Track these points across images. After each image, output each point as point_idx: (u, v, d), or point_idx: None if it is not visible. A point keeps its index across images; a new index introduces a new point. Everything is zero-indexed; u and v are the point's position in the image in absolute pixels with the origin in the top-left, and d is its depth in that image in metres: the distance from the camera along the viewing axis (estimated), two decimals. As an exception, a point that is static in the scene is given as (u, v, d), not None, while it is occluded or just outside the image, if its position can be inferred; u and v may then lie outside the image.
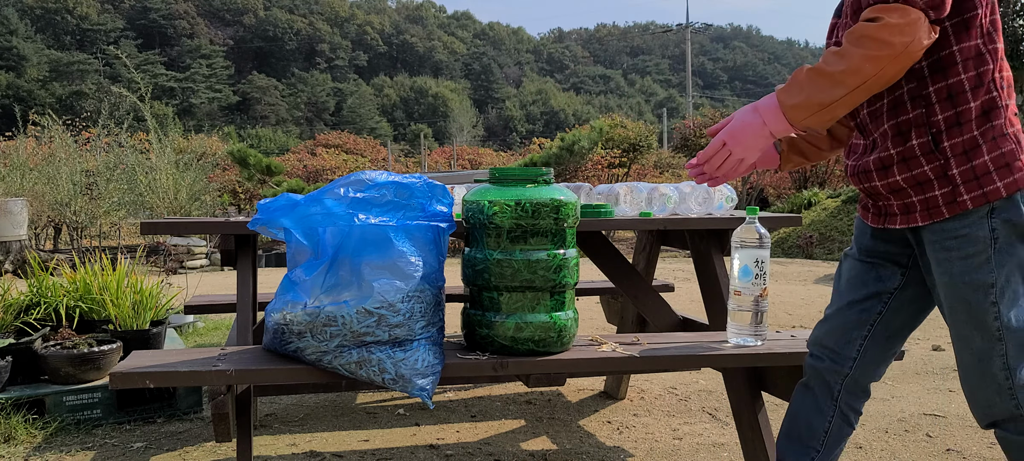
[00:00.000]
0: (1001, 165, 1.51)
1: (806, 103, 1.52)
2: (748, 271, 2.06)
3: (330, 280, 1.86)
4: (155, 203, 10.66)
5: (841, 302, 1.80)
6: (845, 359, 1.80)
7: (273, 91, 66.45)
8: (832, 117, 1.53)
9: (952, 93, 1.54)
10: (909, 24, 1.43)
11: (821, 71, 1.50)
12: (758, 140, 1.60)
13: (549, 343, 1.99)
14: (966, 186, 1.53)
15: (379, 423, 3.04)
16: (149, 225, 2.63)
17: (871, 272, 1.76)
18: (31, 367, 3.04)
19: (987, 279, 1.52)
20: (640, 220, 2.62)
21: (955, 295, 1.57)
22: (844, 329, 1.79)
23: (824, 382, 1.83)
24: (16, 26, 58.95)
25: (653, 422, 3.05)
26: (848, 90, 1.48)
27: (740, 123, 1.61)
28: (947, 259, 1.56)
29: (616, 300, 3.64)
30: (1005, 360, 1.54)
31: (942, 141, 1.54)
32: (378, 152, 23.09)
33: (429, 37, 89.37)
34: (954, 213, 1.54)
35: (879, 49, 1.44)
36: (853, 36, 1.47)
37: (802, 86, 1.52)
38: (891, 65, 1.45)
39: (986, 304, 1.53)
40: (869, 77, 1.46)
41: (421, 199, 1.96)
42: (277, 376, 1.92)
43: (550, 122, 67.42)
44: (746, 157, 1.63)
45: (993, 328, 1.54)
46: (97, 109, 14.97)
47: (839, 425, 1.83)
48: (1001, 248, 1.52)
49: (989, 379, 1.57)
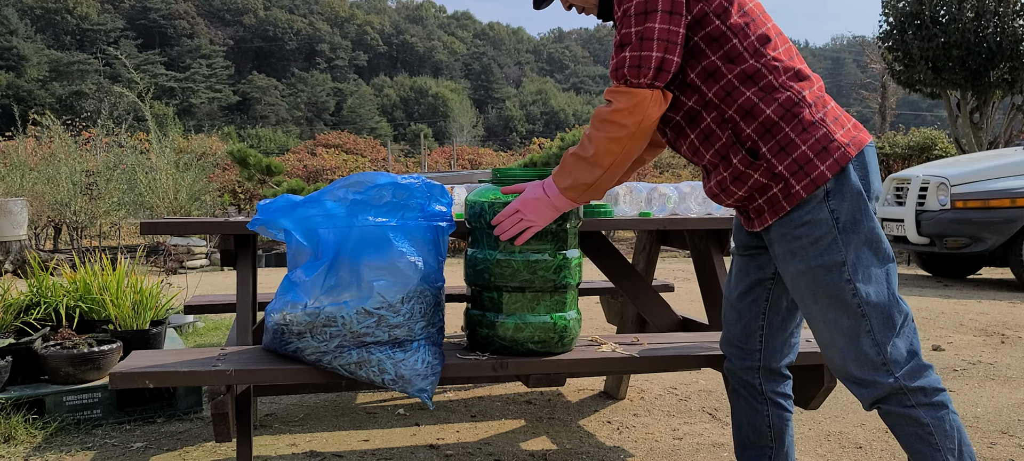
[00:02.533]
0: (818, 150, 1.62)
1: (574, 184, 1.76)
2: (748, 271, 2.06)
3: (330, 281, 1.86)
4: (155, 203, 10.67)
5: (732, 296, 1.92)
6: (752, 352, 1.90)
7: (273, 91, 66.44)
8: (602, 190, 1.77)
9: (747, 110, 1.65)
10: (636, 105, 1.63)
11: (579, 156, 1.73)
12: (546, 212, 1.83)
13: (550, 343, 1.99)
14: (795, 177, 1.63)
15: (379, 423, 3.04)
16: (149, 225, 2.63)
17: (751, 262, 1.87)
18: (31, 367, 3.04)
19: (838, 258, 1.62)
20: (640, 220, 2.62)
21: (814, 280, 1.65)
22: (742, 322, 1.89)
23: (745, 381, 1.93)
24: (16, 26, 58.94)
25: (653, 422, 3.05)
26: (604, 169, 1.71)
27: (532, 197, 1.83)
28: (800, 247, 1.66)
29: (616, 300, 3.64)
30: (873, 336, 1.62)
31: (759, 149, 1.65)
32: (378, 152, 23.09)
33: (429, 37, 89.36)
34: (793, 204, 1.64)
35: (616, 131, 1.66)
36: (595, 120, 1.69)
37: (569, 170, 1.75)
38: (631, 142, 1.67)
39: (842, 282, 1.62)
40: (617, 155, 1.68)
41: (420, 199, 1.96)
42: (277, 376, 1.92)
43: (550, 122, 67.41)
44: (535, 223, 1.85)
45: (853, 305, 1.62)
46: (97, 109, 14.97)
47: (777, 415, 1.92)
48: (844, 226, 1.62)
49: (863, 358, 1.64)
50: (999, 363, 3.97)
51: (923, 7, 13.30)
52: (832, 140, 1.62)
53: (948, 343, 4.49)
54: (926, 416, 1.62)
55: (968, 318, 5.24)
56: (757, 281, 1.87)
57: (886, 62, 14.80)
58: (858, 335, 1.63)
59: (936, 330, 4.88)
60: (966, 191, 6.82)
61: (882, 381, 1.63)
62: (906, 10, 13.58)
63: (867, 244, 1.62)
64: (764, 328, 1.88)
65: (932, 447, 1.62)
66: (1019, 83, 13.34)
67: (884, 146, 16.08)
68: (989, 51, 12.89)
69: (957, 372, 3.81)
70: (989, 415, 3.10)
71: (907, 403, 1.63)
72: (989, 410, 3.17)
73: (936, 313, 5.44)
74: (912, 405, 1.63)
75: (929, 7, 13.28)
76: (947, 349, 4.34)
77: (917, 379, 1.63)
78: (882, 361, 1.62)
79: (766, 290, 1.86)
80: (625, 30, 1.63)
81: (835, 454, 2.67)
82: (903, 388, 1.62)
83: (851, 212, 1.62)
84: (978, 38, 12.94)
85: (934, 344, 4.43)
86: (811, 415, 3.05)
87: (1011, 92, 13.71)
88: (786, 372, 1.93)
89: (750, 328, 1.89)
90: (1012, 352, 4.25)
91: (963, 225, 6.76)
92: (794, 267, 1.67)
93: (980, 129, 14.12)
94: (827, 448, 2.73)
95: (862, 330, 1.62)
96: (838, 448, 2.73)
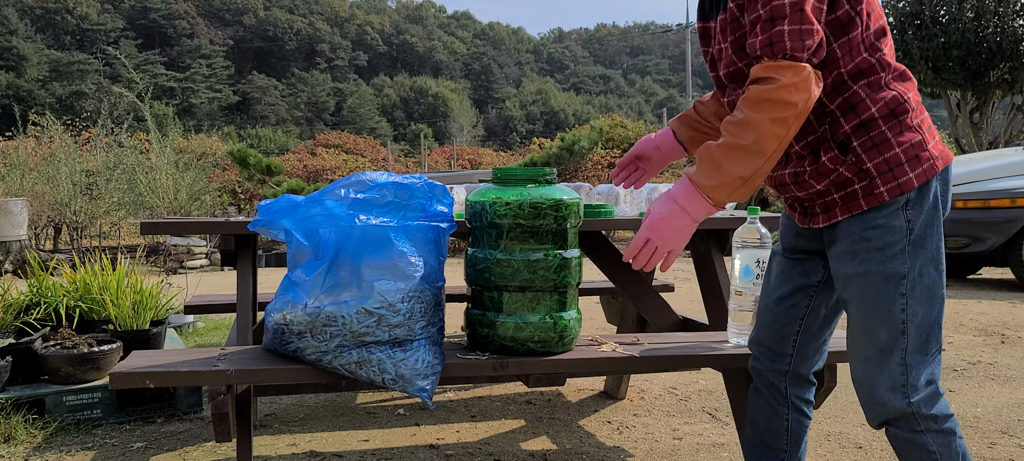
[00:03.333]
0: (911, 156, 1.56)
1: (727, 181, 1.52)
2: (749, 271, 2.06)
3: (330, 280, 1.86)
4: (155, 203, 10.66)
5: (771, 298, 1.85)
6: (782, 356, 1.85)
7: (273, 91, 66.45)
8: (756, 186, 1.55)
9: (851, 105, 1.58)
10: (804, 80, 1.47)
11: (733, 146, 1.50)
12: (682, 231, 1.59)
13: (550, 343, 1.99)
14: (882, 178, 1.56)
15: (379, 423, 3.04)
16: (149, 225, 2.63)
17: (796, 267, 1.81)
18: (31, 367, 3.04)
19: (900, 270, 1.56)
20: (640, 220, 2.62)
21: (867, 285, 1.59)
22: (777, 325, 1.83)
23: (769, 382, 1.88)
24: (16, 26, 58.95)
25: (653, 422, 3.05)
26: (766, 158, 1.51)
27: (660, 217, 1.58)
28: (864, 249, 1.59)
29: (616, 300, 3.64)
30: (904, 356, 1.57)
31: (851, 143, 1.58)
32: (378, 152, 23.09)
33: (429, 37, 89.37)
34: (872, 205, 1.58)
35: (784, 110, 1.47)
36: (753, 102, 1.50)
37: (718, 165, 1.52)
38: (796, 123, 1.49)
39: (896, 295, 1.57)
40: (781, 140, 1.50)
41: (421, 199, 1.97)
42: (277, 376, 1.92)
43: (550, 122, 67.43)
44: (674, 248, 1.60)
45: (899, 320, 1.57)
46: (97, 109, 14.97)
47: (796, 419, 1.88)
48: (915, 239, 1.56)
49: (886, 375, 1.59)
50: (999, 363, 3.97)
51: (923, 7, 13.30)
52: (925, 149, 1.56)
53: (948, 343, 4.49)
54: (934, 443, 1.58)
55: (968, 318, 5.24)
56: (800, 287, 1.80)
57: (886, 62, 14.77)
58: (891, 351, 1.58)
59: (936, 330, 4.88)
60: (966, 191, 6.82)
61: (896, 403, 1.58)
62: (906, 10, 13.58)
63: (931, 263, 1.57)
64: (800, 334, 1.82)
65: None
66: (1019, 83, 13.35)
67: (884, 146, 16.08)
68: (989, 51, 12.89)
69: (957, 372, 3.81)
70: (989, 415, 3.10)
71: (917, 429, 1.59)
72: (989, 410, 3.17)
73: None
74: (922, 431, 1.59)
75: (929, 7, 13.29)
76: (947, 349, 4.34)
77: (931, 407, 1.59)
78: (903, 383, 1.58)
79: (808, 296, 1.80)
80: (776, 2, 1.48)
81: (835, 454, 2.67)
82: (915, 414, 1.58)
83: (924, 226, 1.56)
84: (978, 38, 12.94)
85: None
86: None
87: (1011, 92, 13.72)
88: (812, 379, 1.89)
89: (785, 332, 1.83)
90: (1012, 352, 4.25)
91: (963, 225, 6.76)
92: (851, 268, 1.61)
93: (980, 129, 14.12)
94: (827, 448, 2.73)
95: (896, 347, 1.57)
96: (838, 448, 2.73)
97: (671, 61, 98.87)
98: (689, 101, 47.51)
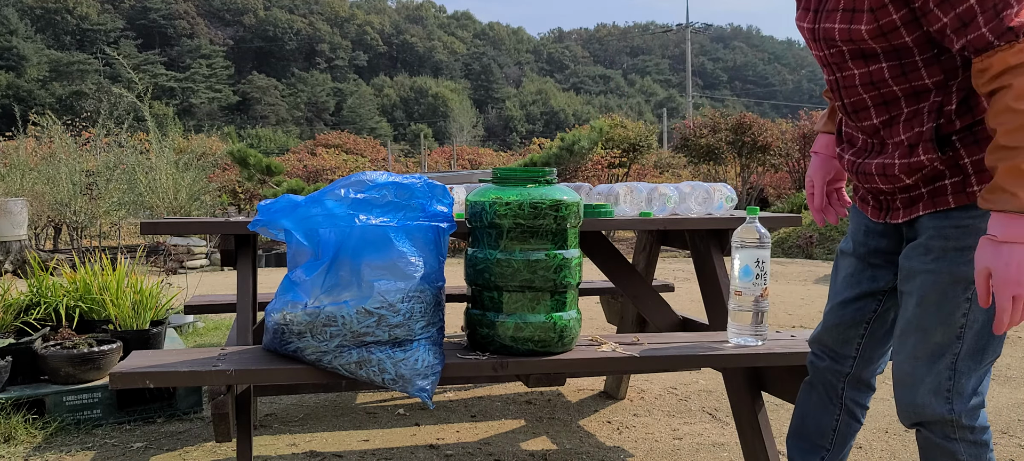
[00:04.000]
0: None
1: None
2: (749, 271, 2.06)
3: (330, 280, 1.86)
4: (155, 203, 10.66)
5: (836, 301, 1.80)
6: (845, 358, 1.80)
7: (273, 91, 66.44)
8: None
9: (970, 106, 1.50)
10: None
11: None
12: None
13: (549, 343, 1.99)
14: (978, 176, 1.49)
15: (379, 423, 3.04)
16: (149, 225, 2.63)
17: (866, 271, 1.75)
18: (31, 367, 3.04)
19: (971, 274, 1.50)
20: (640, 220, 2.62)
21: (934, 284, 1.54)
22: (841, 328, 1.78)
23: (827, 381, 1.83)
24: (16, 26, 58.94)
25: (653, 422, 3.05)
26: None
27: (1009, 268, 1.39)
28: (941, 247, 1.53)
29: (616, 300, 3.64)
30: (954, 360, 1.53)
31: (952, 140, 1.51)
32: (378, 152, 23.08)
33: (429, 37, 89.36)
34: (961, 204, 1.51)
35: None
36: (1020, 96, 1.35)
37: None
38: None
39: (961, 298, 1.51)
40: None
41: (421, 199, 1.97)
42: (277, 376, 1.92)
43: (550, 122, 67.41)
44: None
45: (958, 324, 1.52)
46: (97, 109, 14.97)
47: (847, 422, 1.83)
48: None
49: (933, 376, 1.55)
50: (999, 363, 3.98)
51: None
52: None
53: (948, 343, 4.49)
54: (965, 453, 1.55)
55: (968, 318, 5.24)
56: (868, 292, 1.75)
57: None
58: (942, 354, 1.53)
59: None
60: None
61: (937, 408, 1.54)
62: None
63: None
64: (864, 338, 1.77)
65: None
66: (1019, 83, 13.33)
67: (884, 146, 16.07)
68: (989, 51, 12.87)
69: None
70: (989, 415, 3.10)
71: (951, 436, 1.55)
72: (989, 410, 3.17)
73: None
74: (956, 439, 1.55)
75: (929, 7, 13.26)
76: (947, 349, 4.34)
77: (973, 418, 1.55)
78: (948, 388, 1.53)
79: (876, 301, 1.75)
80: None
81: (835, 454, 2.67)
82: (954, 421, 1.54)
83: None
84: (978, 38, 12.92)
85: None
86: (811, 415, 3.05)
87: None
88: (873, 384, 1.84)
89: (849, 336, 1.78)
90: (1012, 352, 4.25)
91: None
92: (922, 264, 1.55)
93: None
94: (827, 448, 2.73)
95: (949, 351, 1.52)
96: (838, 448, 2.73)
97: (671, 61, 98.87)
98: (689, 101, 47.54)
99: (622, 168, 15.82)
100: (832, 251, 11.25)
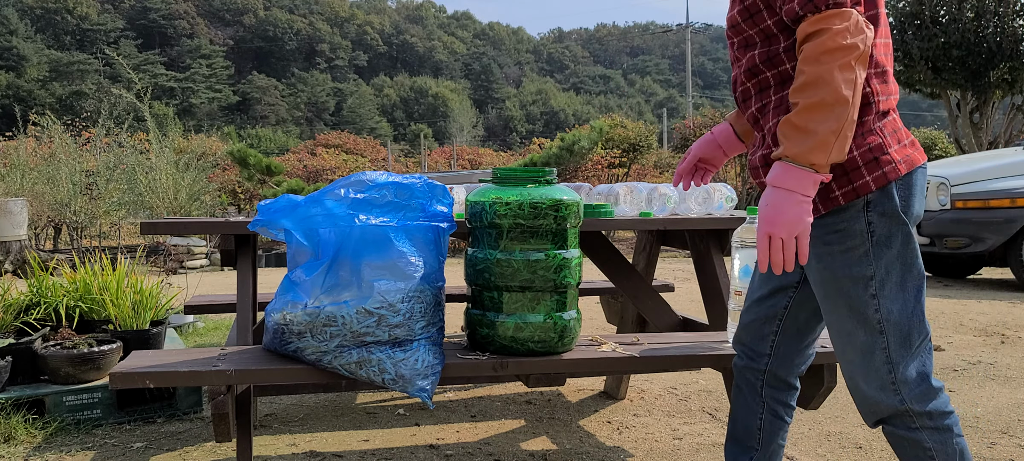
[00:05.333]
0: (869, 160, 1.54)
1: (821, 141, 1.45)
2: (749, 271, 2.06)
3: (330, 280, 1.86)
4: (155, 203, 10.66)
5: (752, 298, 1.86)
6: (760, 355, 1.85)
7: (273, 91, 66.46)
8: (848, 140, 1.47)
9: None
10: (854, 24, 1.44)
11: (812, 106, 1.45)
12: (796, 212, 1.48)
13: (550, 343, 1.99)
14: (837, 182, 1.55)
15: (379, 423, 3.04)
16: (149, 225, 2.63)
17: None
18: (31, 367, 3.04)
19: (866, 272, 1.55)
20: (640, 220, 2.62)
21: (836, 289, 1.59)
22: (756, 325, 1.84)
23: (748, 381, 1.88)
24: (16, 26, 58.95)
25: (653, 422, 3.05)
26: (849, 104, 1.44)
27: (769, 210, 1.51)
28: (828, 253, 1.59)
29: (616, 300, 3.64)
30: (887, 354, 1.57)
31: None
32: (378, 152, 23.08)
33: (429, 37, 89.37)
34: (829, 209, 1.57)
35: (846, 55, 1.43)
36: (812, 58, 1.45)
37: (805, 131, 1.46)
38: (862, 66, 1.45)
39: (866, 297, 1.56)
40: (855, 84, 1.44)
41: (421, 199, 1.97)
42: (277, 376, 1.92)
43: (550, 122, 67.42)
44: (798, 233, 1.49)
45: (874, 321, 1.56)
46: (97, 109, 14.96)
47: (770, 421, 1.87)
48: (879, 241, 1.55)
49: (873, 374, 1.59)
50: (999, 363, 3.97)
51: (923, 7, 13.30)
52: (885, 152, 1.54)
53: (948, 343, 4.49)
54: (930, 440, 1.58)
55: (968, 318, 5.24)
56: (779, 287, 1.80)
57: (886, 62, 14.77)
58: (872, 351, 1.57)
59: (936, 330, 4.88)
60: (966, 191, 6.82)
61: (888, 401, 1.58)
62: (906, 10, 13.58)
63: (899, 261, 1.55)
64: (777, 335, 1.82)
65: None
66: (1019, 83, 13.34)
67: (884, 146, 16.05)
68: (989, 51, 12.89)
69: (957, 372, 3.81)
70: (989, 415, 3.10)
71: (912, 426, 1.58)
72: (989, 410, 3.16)
73: (936, 313, 5.44)
74: (917, 428, 1.58)
75: (929, 7, 13.29)
76: (947, 349, 4.34)
77: (925, 403, 1.57)
78: (891, 380, 1.57)
79: (787, 297, 1.79)
80: None
81: (835, 454, 2.67)
82: (909, 411, 1.57)
83: (887, 228, 1.54)
84: (978, 38, 12.94)
85: (934, 344, 4.43)
86: (811, 415, 3.05)
87: (1011, 92, 13.71)
88: (794, 383, 1.87)
89: (763, 332, 1.83)
90: (1012, 352, 4.25)
91: (963, 225, 6.76)
92: (818, 273, 1.61)
93: (980, 129, 14.12)
94: (827, 448, 2.73)
95: (877, 347, 1.57)
96: (838, 448, 2.73)
97: (671, 61, 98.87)
98: (689, 101, 47.57)
99: (622, 168, 15.83)
100: (832, 251, 11.25)
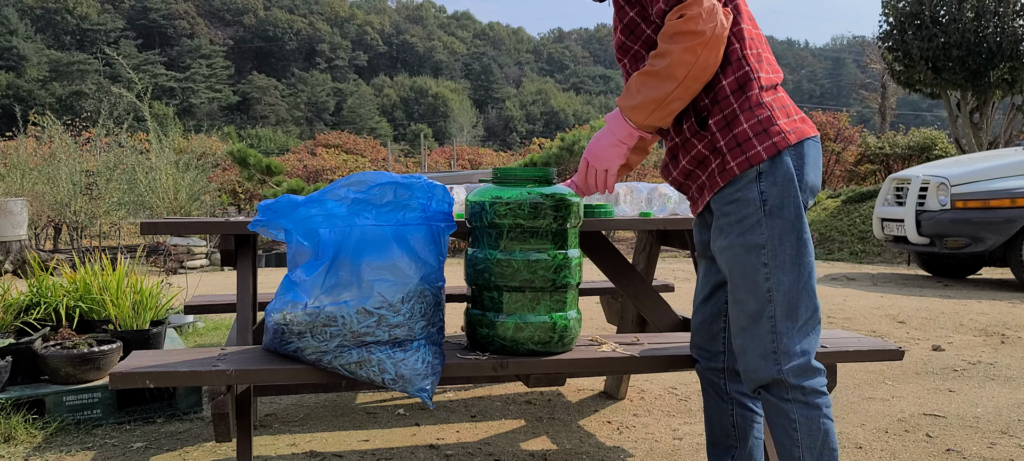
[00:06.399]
0: (759, 131, 1.65)
1: (642, 103, 1.66)
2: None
3: (330, 280, 1.86)
4: (155, 203, 10.66)
5: (697, 300, 1.94)
6: (716, 354, 1.92)
7: (273, 91, 66.45)
8: (670, 112, 1.67)
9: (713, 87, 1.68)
10: (708, 11, 1.58)
11: (649, 72, 1.64)
12: (610, 149, 1.75)
13: (550, 343, 1.99)
14: (731, 154, 1.66)
15: (379, 423, 3.04)
16: (149, 225, 2.63)
17: (712, 266, 1.90)
18: (31, 367, 3.04)
19: (758, 240, 1.65)
20: (640, 220, 2.62)
21: (732, 258, 1.69)
22: (706, 325, 1.92)
23: (712, 382, 1.94)
24: (16, 26, 58.95)
25: (653, 422, 3.05)
26: (677, 82, 1.62)
27: (594, 140, 1.77)
28: (727, 224, 1.69)
29: (616, 300, 3.64)
30: (773, 323, 1.66)
31: (708, 120, 1.69)
32: (378, 152, 23.09)
33: (429, 37, 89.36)
34: (727, 181, 1.68)
35: (693, 39, 1.58)
36: (667, 36, 1.62)
37: (637, 89, 1.67)
38: (707, 53, 1.59)
39: (757, 264, 1.66)
40: (691, 67, 1.60)
41: (421, 199, 1.96)
42: (277, 376, 1.92)
43: (550, 122, 67.42)
44: (609, 167, 1.77)
45: (763, 289, 1.66)
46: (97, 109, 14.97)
47: (742, 415, 1.93)
48: (771, 210, 1.65)
49: (757, 341, 1.68)
50: (999, 363, 3.97)
51: (923, 7, 13.30)
52: (773, 124, 1.65)
53: (948, 343, 4.49)
54: (797, 412, 1.66)
55: (968, 318, 5.24)
56: (718, 284, 1.88)
57: (886, 62, 14.81)
58: (760, 318, 1.66)
59: (936, 330, 4.88)
60: (966, 191, 6.82)
61: (767, 370, 1.67)
62: (906, 10, 13.59)
63: (792, 231, 1.65)
64: (726, 331, 1.89)
65: (792, 442, 1.66)
66: (1019, 83, 13.35)
67: (884, 146, 16.07)
68: (989, 51, 12.90)
69: (957, 372, 3.81)
70: (989, 415, 3.10)
71: (784, 397, 1.67)
72: (989, 410, 3.17)
73: (936, 313, 5.44)
74: (789, 400, 1.67)
75: (929, 7, 13.29)
76: (947, 349, 4.33)
77: (801, 378, 1.66)
78: (773, 350, 1.66)
79: (726, 292, 1.86)
80: None
81: (835, 454, 2.67)
82: (784, 381, 1.66)
83: (780, 197, 1.64)
84: (978, 38, 12.95)
85: (934, 344, 4.43)
86: (811, 415, 3.05)
87: (1011, 92, 13.72)
88: None
89: (713, 331, 1.91)
90: (1012, 352, 4.25)
91: (963, 225, 6.76)
92: (719, 244, 1.71)
93: (980, 129, 14.13)
94: (827, 448, 2.73)
95: (764, 315, 1.66)
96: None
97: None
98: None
99: (622, 168, 15.79)
100: (830, 251, 11.26)
